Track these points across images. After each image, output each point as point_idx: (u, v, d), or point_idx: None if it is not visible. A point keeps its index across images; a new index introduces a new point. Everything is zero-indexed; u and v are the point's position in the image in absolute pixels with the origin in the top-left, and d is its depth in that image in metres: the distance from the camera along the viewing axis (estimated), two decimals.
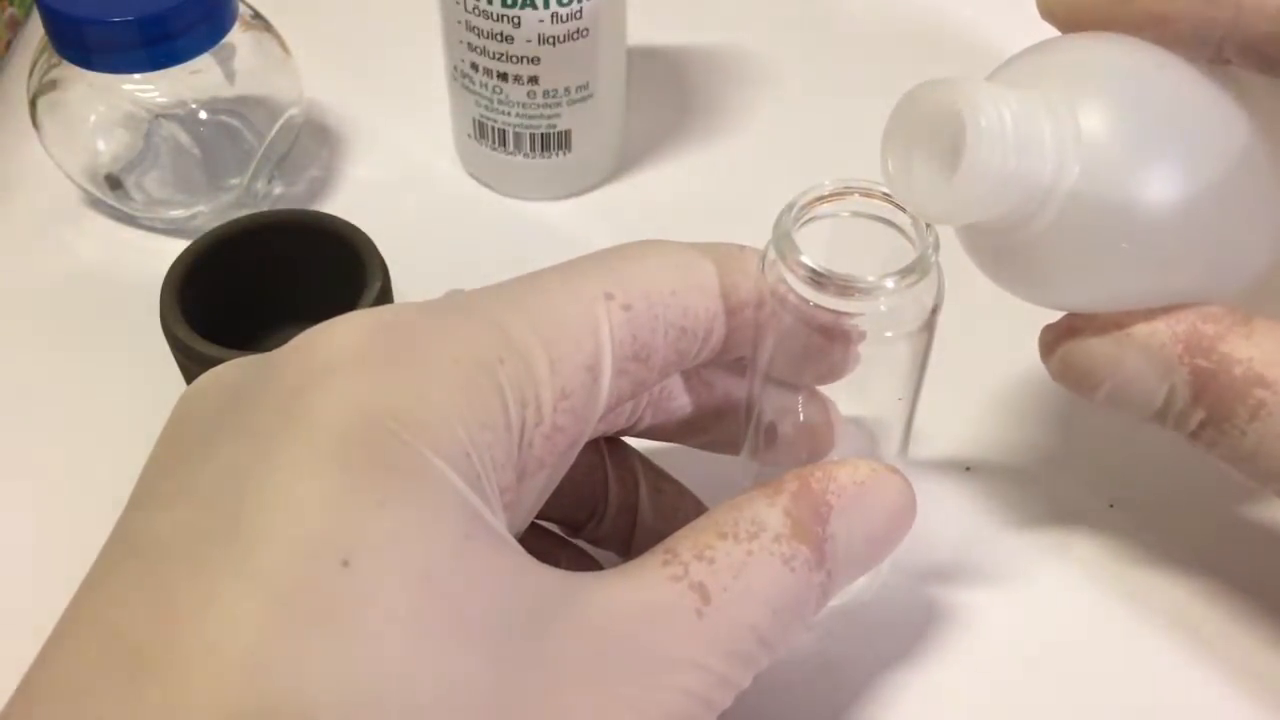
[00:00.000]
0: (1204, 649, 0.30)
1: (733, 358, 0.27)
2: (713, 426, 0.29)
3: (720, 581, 0.22)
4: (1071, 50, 0.24)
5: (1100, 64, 0.24)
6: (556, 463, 0.23)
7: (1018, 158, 0.22)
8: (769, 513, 0.23)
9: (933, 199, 0.23)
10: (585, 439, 0.23)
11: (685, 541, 0.23)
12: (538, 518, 0.25)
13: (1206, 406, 0.25)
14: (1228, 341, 0.24)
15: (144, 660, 0.18)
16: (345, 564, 0.19)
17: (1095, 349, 0.26)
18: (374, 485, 0.19)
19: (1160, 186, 0.23)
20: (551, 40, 0.37)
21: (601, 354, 0.23)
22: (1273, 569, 0.31)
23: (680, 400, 0.28)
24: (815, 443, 0.27)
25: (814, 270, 0.23)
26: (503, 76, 0.38)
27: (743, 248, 0.26)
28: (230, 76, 0.38)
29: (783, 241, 0.24)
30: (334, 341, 0.21)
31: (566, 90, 0.38)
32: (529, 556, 0.21)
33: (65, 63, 0.36)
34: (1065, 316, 0.27)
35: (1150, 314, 0.25)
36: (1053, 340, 0.26)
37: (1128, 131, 0.23)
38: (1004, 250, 0.25)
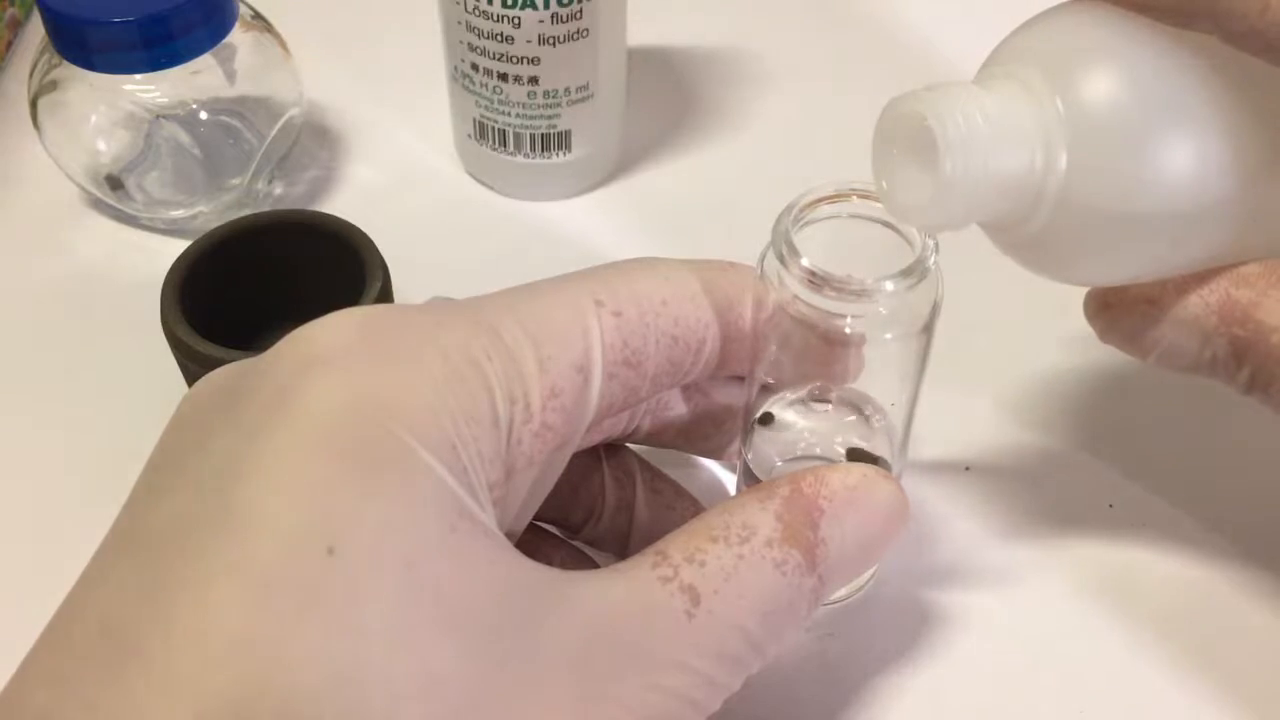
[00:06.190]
0: (1204, 650, 0.30)
1: (728, 374, 0.27)
2: (712, 434, 0.29)
3: (710, 584, 0.22)
4: (1055, 28, 0.23)
5: (1082, 42, 0.23)
6: (548, 462, 0.23)
7: (997, 159, 0.22)
8: (761, 516, 0.23)
9: (921, 211, 0.23)
10: (577, 440, 0.24)
11: (676, 543, 0.23)
12: (534, 519, 0.25)
13: (1250, 370, 0.25)
14: (1263, 308, 0.24)
15: (133, 645, 0.19)
16: (330, 552, 0.19)
17: (1131, 323, 0.26)
18: (360, 475, 0.20)
19: (1156, 162, 0.22)
20: (551, 40, 0.37)
21: (591, 355, 0.23)
22: (1273, 569, 0.31)
23: (678, 409, 0.28)
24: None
25: (813, 272, 0.23)
26: (503, 77, 0.38)
27: (732, 264, 0.26)
28: (231, 77, 0.39)
29: (781, 244, 0.24)
30: (323, 336, 0.22)
31: (566, 90, 0.38)
32: (516, 551, 0.21)
33: (66, 63, 0.36)
34: (1099, 290, 0.26)
35: (1183, 283, 0.25)
36: (1092, 313, 0.27)
37: (1115, 111, 0.22)
38: (1020, 243, 0.24)
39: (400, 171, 0.43)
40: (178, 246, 0.34)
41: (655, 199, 0.42)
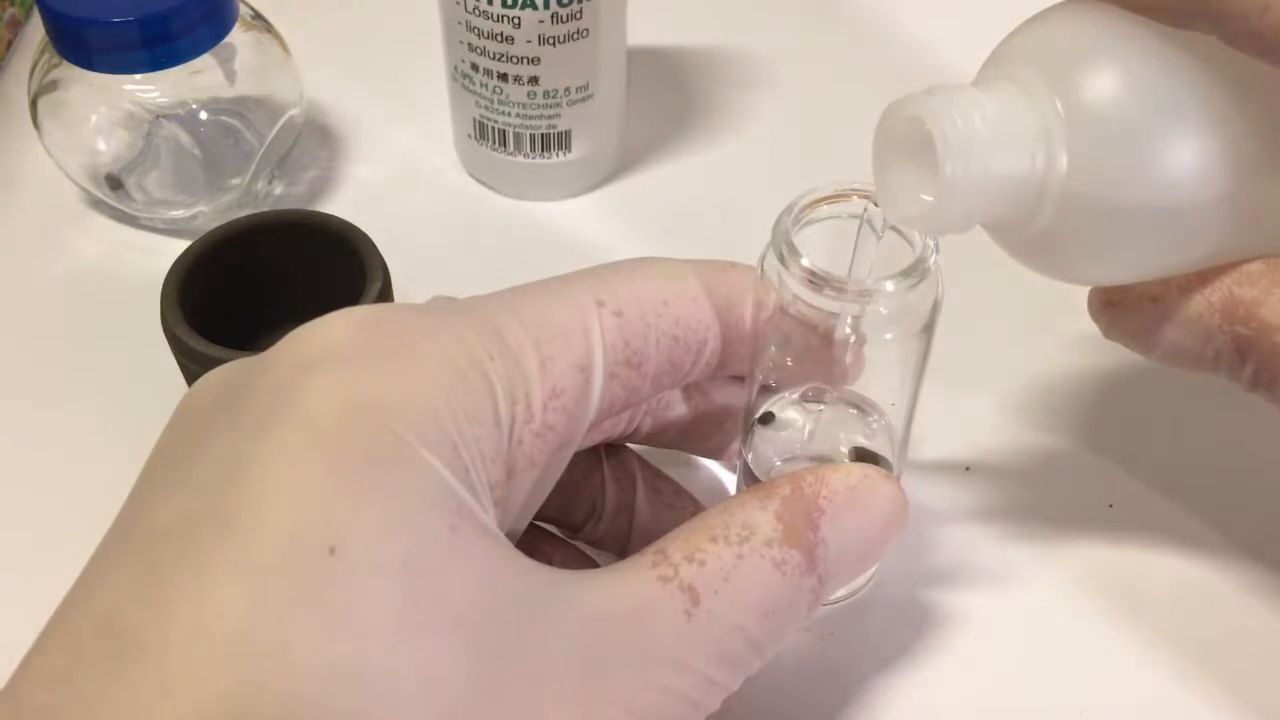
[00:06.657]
0: (1204, 650, 0.30)
1: (728, 375, 0.27)
2: (712, 434, 0.29)
3: (710, 584, 0.22)
4: (1054, 29, 0.23)
5: (1080, 43, 0.23)
6: (549, 463, 0.23)
7: (997, 161, 0.22)
8: (760, 516, 0.23)
9: (922, 214, 0.23)
10: (578, 440, 0.24)
11: (676, 543, 0.23)
12: (535, 519, 0.25)
13: (1254, 367, 0.25)
14: (1266, 305, 0.24)
15: (133, 643, 0.19)
16: (332, 551, 0.19)
17: (1135, 322, 0.26)
18: (361, 475, 0.20)
19: (1157, 162, 0.22)
20: (551, 40, 0.37)
21: (593, 354, 0.23)
22: (1273, 569, 0.31)
23: (679, 409, 0.28)
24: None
25: (813, 272, 0.23)
26: (503, 77, 0.38)
27: (733, 264, 0.26)
28: (231, 77, 0.39)
29: (781, 244, 0.24)
30: (324, 336, 0.22)
31: (566, 90, 0.38)
32: (517, 551, 0.21)
33: (66, 63, 0.36)
34: (1103, 288, 0.26)
35: (1186, 281, 0.25)
36: (1096, 310, 0.27)
37: (1115, 111, 0.22)
38: (1022, 244, 0.24)
39: (400, 171, 0.43)
40: (178, 246, 0.34)
41: (655, 199, 0.42)
